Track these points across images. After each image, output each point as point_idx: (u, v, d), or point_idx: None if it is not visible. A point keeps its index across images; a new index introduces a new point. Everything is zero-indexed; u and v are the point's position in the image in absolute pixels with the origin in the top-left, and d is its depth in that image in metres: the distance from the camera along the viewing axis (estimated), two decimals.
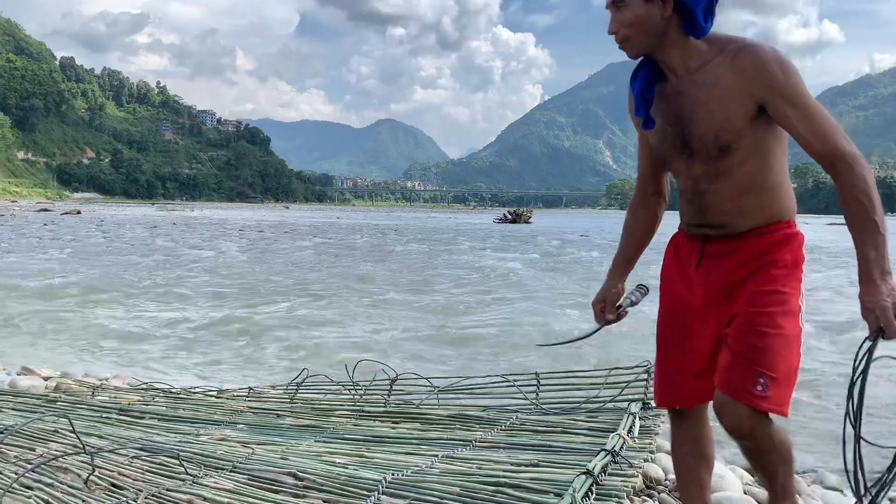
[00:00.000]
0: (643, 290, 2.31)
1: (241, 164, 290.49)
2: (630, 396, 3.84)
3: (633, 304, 2.22)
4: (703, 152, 1.80)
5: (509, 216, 59.59)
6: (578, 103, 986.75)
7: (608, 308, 2.17)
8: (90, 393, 4.31)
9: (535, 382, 4.10)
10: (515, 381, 4.14)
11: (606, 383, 3.98)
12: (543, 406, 3.90)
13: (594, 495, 2.50)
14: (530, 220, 59.93)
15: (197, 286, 13.20)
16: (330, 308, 10.41)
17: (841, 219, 1.68)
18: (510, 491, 2.54)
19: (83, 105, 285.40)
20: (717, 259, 1.91)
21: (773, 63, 1.66)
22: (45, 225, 38.15)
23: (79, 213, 59.39)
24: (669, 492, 3.08)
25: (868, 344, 1.58)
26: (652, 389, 3.79)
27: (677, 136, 1.84)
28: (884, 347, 1.60)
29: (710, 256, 1.92)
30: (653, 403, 3.82)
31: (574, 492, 2.38)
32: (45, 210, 65.49)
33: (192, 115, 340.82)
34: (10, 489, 2.54)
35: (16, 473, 2.68)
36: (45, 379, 5.11)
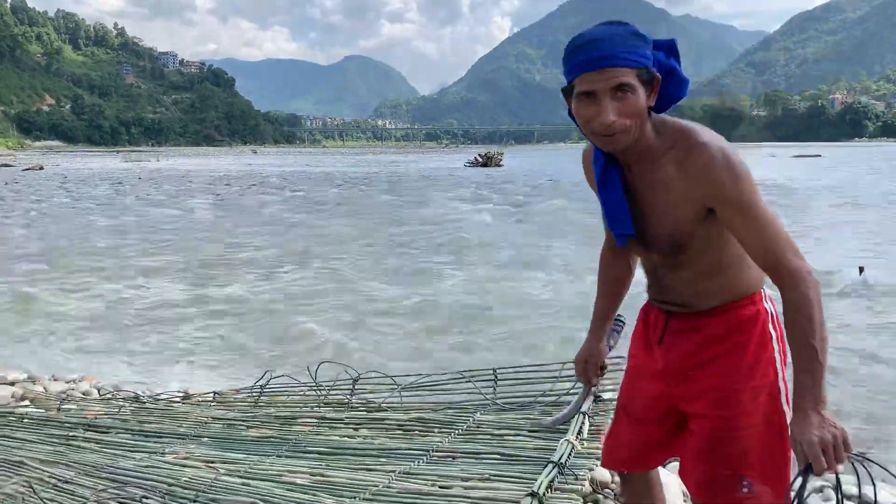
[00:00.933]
0: (619, 325, 2.30)
1: (206, 107, 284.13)
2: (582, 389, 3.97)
3: (612, 348, 2.22)
4: (658, 248, 1.76)
5: (480, 159, 59.29)
6: (549, 35, 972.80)
7: (591, 370, 2.16)
8: (56, 405, 4.38)
9: (492, 378, 4.23)
10: (473, 377, 4.27)
11: (561, 376, 4.11)
12: (500, 403, 4.04)
13: None
14: (501, 163, 59.67)
15: (164, 255, 13.14)
16: (300, 281, 10.47)
17: (809, 149, 1.55)
18: None
19: (39, 50, 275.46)
20: (680, 335, 1.84)
21: (721, 170, 1.56)
22: (6, 184, 37.25)
23: (41, 168, 57.92)
24: (615, 497, 3.26)
25: (799, 480, 1.45)
26: (604, 384, 3.98)
27: (636, 231, 1.77)
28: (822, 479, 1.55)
29: (673, 332, 1.85)
30: (604, 396, 4.01)
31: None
32: (6, 166, 63.75)
33: (154, 58, 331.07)
34: None
35: None
36: (11, 384, 5.15)
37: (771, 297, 1.85)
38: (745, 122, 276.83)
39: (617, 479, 3.32)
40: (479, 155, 61.29)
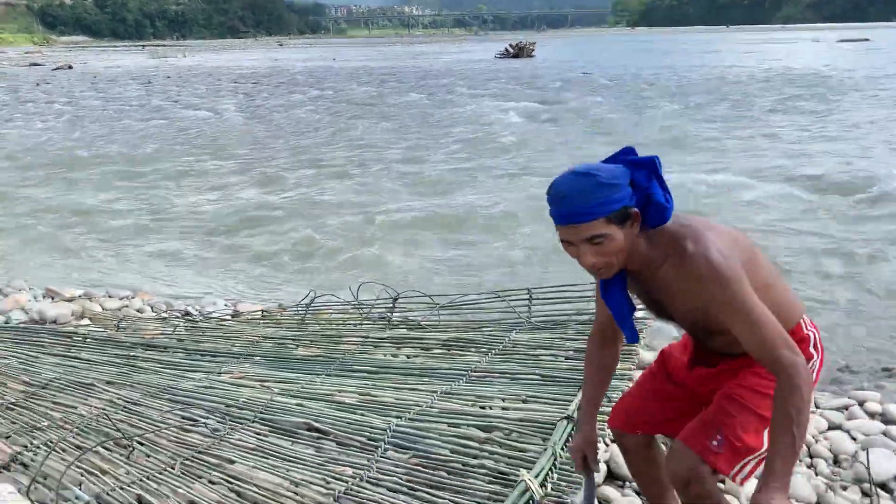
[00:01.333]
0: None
1: None
2: None
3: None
4: (689, 330, 1.95)
5: (511, 50, 57.31)
6: None
7: (592, 460, 2.14)
8: (115, 324, 4.65)
9: (527, 298, 4.37)
10: (508, 297, 4.41)
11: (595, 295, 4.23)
12: (535, 322, 4.19)
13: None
14: (533, 53, 57.68)
15: (199, 162, 13.30)
16: (331, 191, 10.53)
17: (855, 32, 1.49)
18: (500, 436, 2.88)
19: None
20: (708, 365, 2.01)
21: (709, 280, 1.66)
22: (37, 85, 37.35)
23: (70, 67, 57.69)
24: None
25: None
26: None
27: (653, 308, 1.92)
28: None
29: (701, 360, 2.02)
30: (638, 315, 4.13)
31: (554, 444, 2.69)
32: (35, 65, 63.63)
33: None
34: (54, 449, 2.91)
35: (63, 439, 3.05)
36: (69, 300, 5.45)
37: (812, 322, 1.96)
38: (790, 3, 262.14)
39: None
40: (510, 45, 59.29)
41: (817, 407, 3.45)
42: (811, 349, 1.90)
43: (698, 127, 15.08)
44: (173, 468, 2.82)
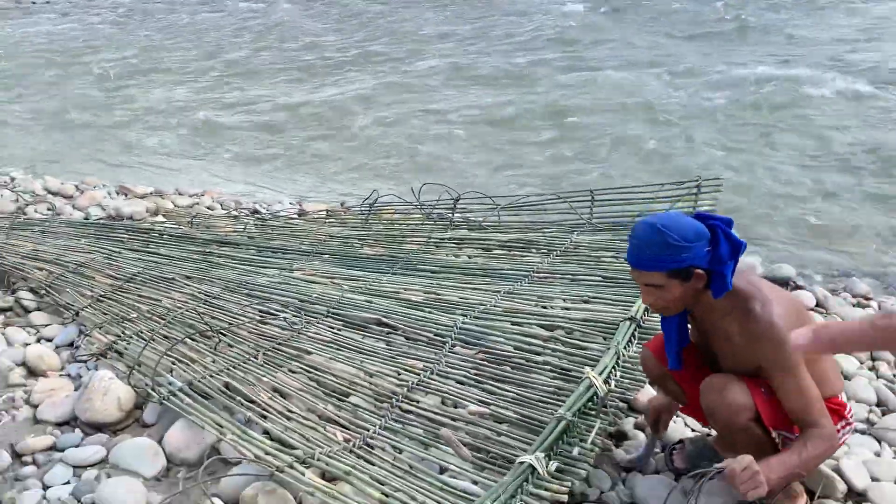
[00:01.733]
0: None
1: None
2: (680, 210, 4.07)
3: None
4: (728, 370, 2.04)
5: None
6: None
7: (664, 423, 2.34)
8: (188, 221, 4.84)
9: (589, 199, 4.37)
10: (570, 198, 4.42)
11: (657, 198, 4.21)
12: (597, 224, 4.21)
13: (637, 340, 2.90)
14: None
15: (254, 57, 13.24)
16: (390, 85, 10.39)
17: None
18: (563, 335, 2.98)
19: None
20: None
21: (765, 341, 1.83)
22: None
23: None
24: None
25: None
26: (701, 204, 4.07)
27: (703, 349, 2.10)
28: None
29: None
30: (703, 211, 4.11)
31: (617, 343, 2.77)
32: None
33: None
34: (150, 340, 3.14)
35: (152, 330, 3.27)
36: (142, 197, 5.66)
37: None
38: None
39: None
40: None
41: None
42: (846, 413, 2.05)
43: (770, 15, 14.22)
44: (256, 358, 3.02)
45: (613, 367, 2.63)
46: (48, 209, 5.40)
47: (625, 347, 2.78)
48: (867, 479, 2.23)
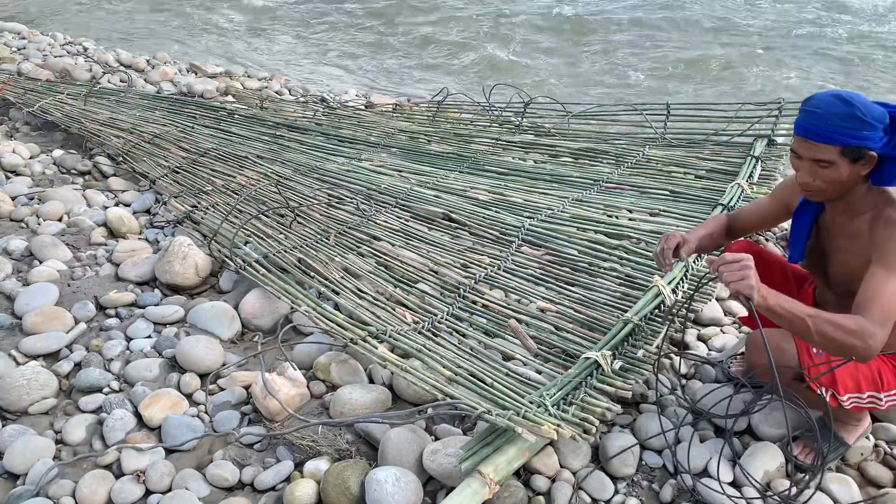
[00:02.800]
0: None
1: None
2: (758, 132, 3.96)
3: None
4: (833, 288, 1.96)
5: None
6: None
7: (685, 249, 2.09)
8: (258, 103, 4.87)
9: (665, 112, 4.26)
10: (645, 110, 4.32)
11: (736, 118, 4.09)
12: (671, 139, 4.12)
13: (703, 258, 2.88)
14: None
15: None
16: None
17: None
18: (629, 246, 2.99)
19: None
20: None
21: (892, 234, 1.71)
22: None
23: None
24: None
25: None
26: (780, 128, 3.94)
27: (818, 263, 1.98)
28: None
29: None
30: (779, 140, 3.99)
31: (685, 265, 2.76)
32: None
33: None
34: (229, 214, 3.23)
35: (228, 203, 3.36)
36: (212, 76, 5.69)
37: None
38: None
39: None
40: None
41: None
42: None
43: None
44: (328, 238, 3.09)
45: (682, 279, 2.64)
46: (122, 81, 5.47)
47: (694, 262, 2.77)
48: None
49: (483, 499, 1.80)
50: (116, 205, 3.58)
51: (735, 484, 2.00)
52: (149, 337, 2.62)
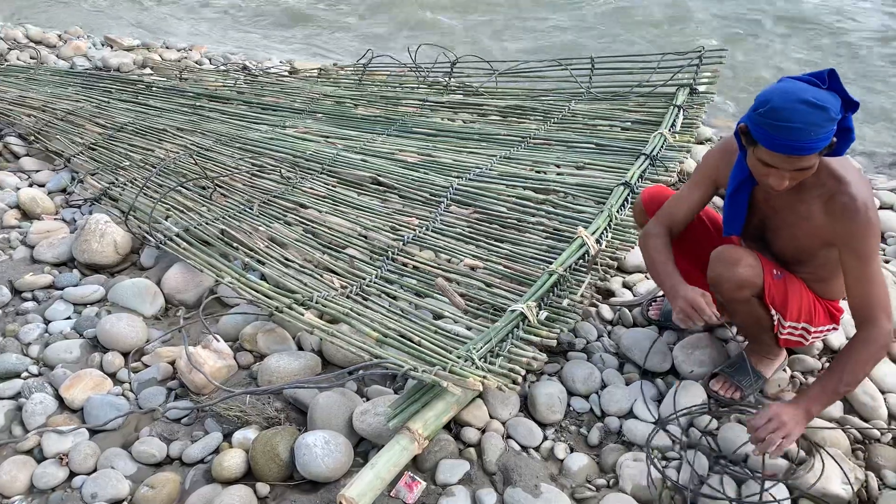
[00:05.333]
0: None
1: None
2: (679, 81, 4.01)
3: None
4: (780, 257, 1.95)
5: None
6: None
7: (711, 303, 1.88)
8: (178, 74, 4.71)
9: (589, 67, 4.28)
10: (570, 65, 4.33)
11: (658, 68, 4.13)
12: (595, 92, 4.15)
13: (629, 204, 2.92)
14: None
15: None
16: None
17: None
18: (557, 199, 3.01)
19: None
20: None
21: (860, 225, 1.70)
22: None
23: None
24: None
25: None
26: (701, 77, 4.00)
27: (757, 234, 1.97)
28: None
29: None
30: (700, 89, 4.06)
31: (610, 206, 2.81)
32: None
33: None
34: (144, 187, 3.13)
35: (146, 178, 3.25)
36: (128, 49, 5.47)
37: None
38: None
39: None
40: None
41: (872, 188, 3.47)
42: (839, 318, 2.02)
43: None
44: (252, 209, 3.03)
45: (605, 229, 2.69)
46: (31, 57, 5.22)
47: (617, 211, 2.82)
48: (843, 337, 2.33)
49: (412, 454, 1.81)
50: (30, 185, 3.44)
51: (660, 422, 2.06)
52: (68, 318, 2.54)
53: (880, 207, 3.27)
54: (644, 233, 2.08)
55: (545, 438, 2.01)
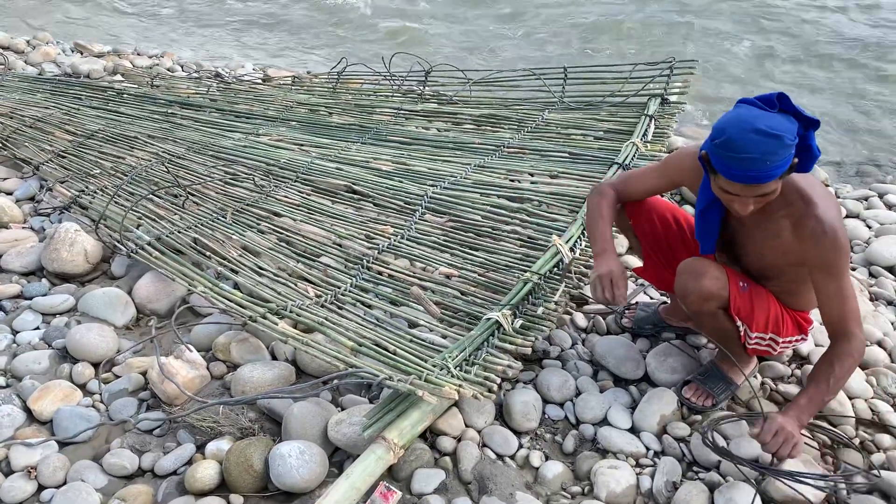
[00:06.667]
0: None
1: None
2: (651, 91, 4.06)
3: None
4: (748, 271, 2.00)
5: None
6: None
7: (622, 284, 2.00)
8: (149, 81, 4.66)
9: (562, 77, 4.32)
10: (543, 75, 4.36)
11: (630, 79, 4.19)
12: (569, 102, 4.19)
13: None
14: None
15: None
16: None
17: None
18: (531, 207, 3.03)
19: None
20: None
21: (829, 247, 1.74)
22: None
23: None
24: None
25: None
26: (672, 87, 4.06)
27: (726, 248, 2.02)
28: None
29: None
30: (671, 99, 4.12)
31: (585, 215, 2.82)
32: None
33: None
34: (115, 195, 3.09)
35: (117, 186, 3.21)
36: (98, 56, 5.40)
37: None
38: None
39: None
40: None
41: (838, 196, 3.55)
42: (808, 329, 2.08)
43: None
44: (225, 217, 3.01)
45: (579, 237, 2.71)
46: None
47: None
48: (812, 345, 2.37)
49: (388, 464, 1.81)
50: None
51: (633, 430, 2.08)
52: (37, 328, 2.49)
53: (846, 216, 3.35)
54: (596, 190, 2.17)
55: (520, 446, 2.02)
